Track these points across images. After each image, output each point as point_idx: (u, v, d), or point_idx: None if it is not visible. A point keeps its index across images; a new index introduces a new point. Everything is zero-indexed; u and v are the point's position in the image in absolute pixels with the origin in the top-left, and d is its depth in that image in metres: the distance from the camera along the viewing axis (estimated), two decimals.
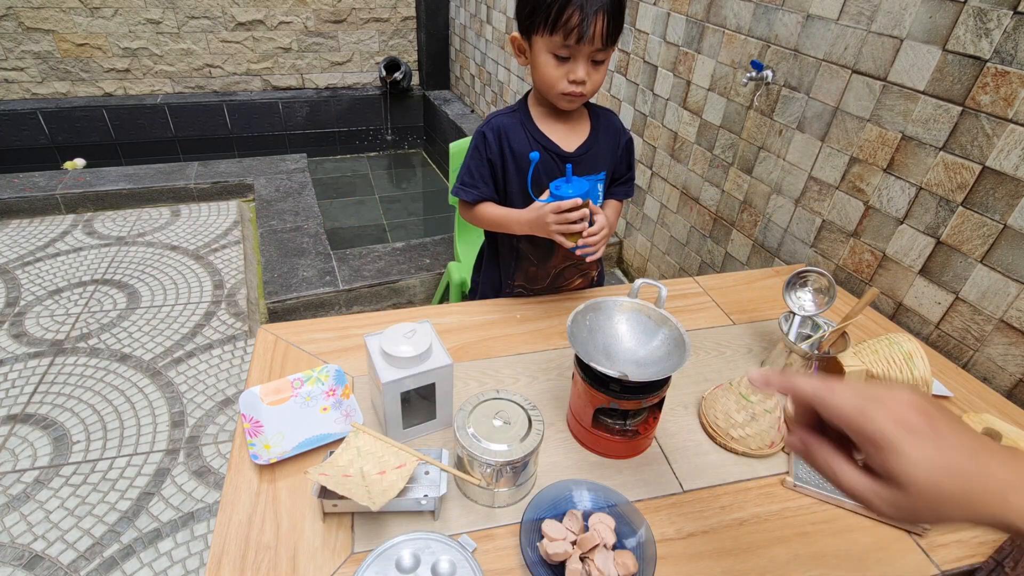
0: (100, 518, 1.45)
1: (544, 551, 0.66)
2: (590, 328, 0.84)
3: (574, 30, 0.90)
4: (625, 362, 0.82)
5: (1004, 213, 1.01)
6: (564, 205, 0.93)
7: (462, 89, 3.93)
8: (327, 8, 3.78)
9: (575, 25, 0.89)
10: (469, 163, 1.09)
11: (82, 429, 1.68)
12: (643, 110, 2.04)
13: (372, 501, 0.65)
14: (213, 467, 1.59)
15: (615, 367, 0.79)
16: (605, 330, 0.84)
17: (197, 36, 3.63)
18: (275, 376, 0.94)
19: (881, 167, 1.22)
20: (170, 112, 3.65)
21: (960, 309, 1.11)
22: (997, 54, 0.99)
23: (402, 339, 0.77)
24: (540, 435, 0.73)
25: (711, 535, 0.74)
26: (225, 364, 1.93)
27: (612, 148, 1.11)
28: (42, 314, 2.10)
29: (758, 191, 1.57)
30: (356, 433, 0.74)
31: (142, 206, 2.81)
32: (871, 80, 1.21)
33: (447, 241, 2.51)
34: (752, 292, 1.24)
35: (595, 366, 0.74)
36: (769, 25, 1.45)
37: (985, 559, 0.67)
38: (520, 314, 1.12)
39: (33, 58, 3.41)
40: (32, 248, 2.47)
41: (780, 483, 0.81)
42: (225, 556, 0.68)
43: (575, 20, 0.89)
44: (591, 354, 0.79)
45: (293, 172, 3.09)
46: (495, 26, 3.17)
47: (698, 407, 0.93)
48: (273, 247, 2.42)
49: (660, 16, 1.85)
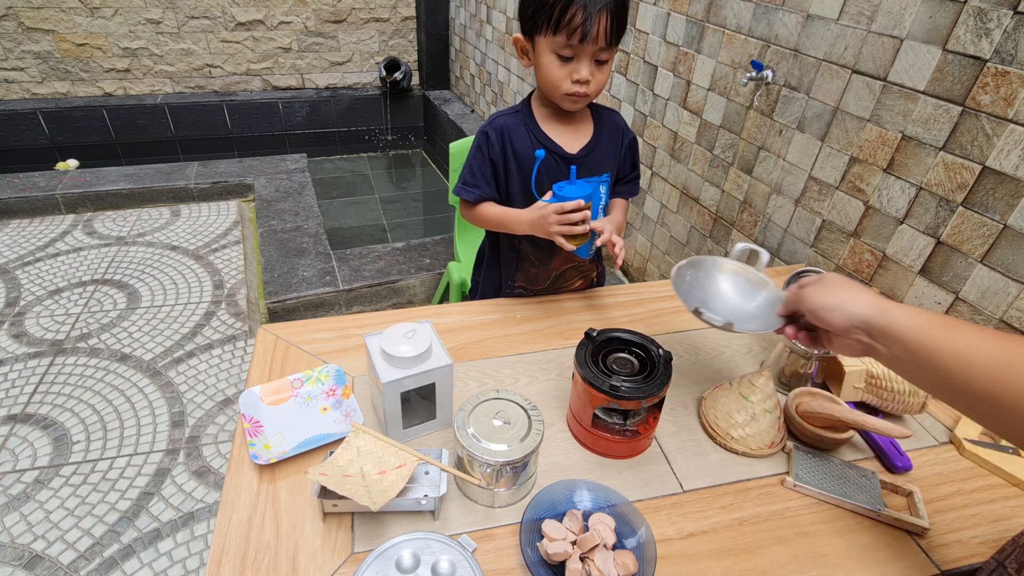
0: (100, 518, 1.45)
1: (544, 551, 0.66)
2: (689, 284, 0.87)
3: (577, 29, 0.89)
4: (728, 313, 0.83)
5: (1004, 213, 1.01)
6: (567, 206, 0.93)
7: (462, 89, 3.93)
8: (327, 8, 3.78)
9: (578, 24, 0.89)
10: (471, 162, 1.08)
11: (82, 429, 1.68)
12: (643, 110, 2.04)
13: (372, 501, 0.65)
14: (213, 467, 1.59)
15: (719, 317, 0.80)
16: (705, 286, 0.88)
17: (197, 36, 3.63)
18: (275, 376, 0.94)
19: (881, 167, 1.22)
20: (170, 112, 3.65)
21: (960, 309, 1.11)
22: (997, 54, 0.99)
23: (402, 339, 0.77)
24: (540, 435, 0.73)
25: (711, 535, 0.74)
26: (225, 364, 1.93)
27: (615, 148, 1.11)
28: (42, 314, 2.10)
29: (758, 191, 1.57)
30: (356, 433, 0.74)
31: (142, 206, 2.81)
32: (871, 80, 1.21)
33: (447, 241, 2.51)
34: None
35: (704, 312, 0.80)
36: (769, 25, 1.45)
37: (986, 559, 0.67)
38: (520, 314, 1.12)
39: (33, 58, 3.41)
40: (32, 248, 2.47)
41: (780, 483, 0.81)
42: (225, 556, 0.68)
43: (578, 19, 0.89)
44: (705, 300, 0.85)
45: (293, 172, 3.10)
46: (495, 26, 3.17)
47: (698, 407, 0.93)
48: (273, 247, 2.42)
49: (660, 16, 1.85)
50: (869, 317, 0.62)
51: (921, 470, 0.84)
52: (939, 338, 0.56)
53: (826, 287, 0.68)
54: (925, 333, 0.57)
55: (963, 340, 0.54)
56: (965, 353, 0.53)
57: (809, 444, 0.86)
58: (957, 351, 0.54)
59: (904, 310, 0.60)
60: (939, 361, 0.55)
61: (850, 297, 0.64)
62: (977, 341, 0.54)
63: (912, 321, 0.59)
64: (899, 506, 0.79)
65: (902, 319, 0.59)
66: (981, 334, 0.55)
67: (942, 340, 0.55)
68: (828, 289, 0.68)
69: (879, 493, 0.78)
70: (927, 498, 0.79)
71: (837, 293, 0.66)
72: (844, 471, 0.81)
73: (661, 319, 1.12)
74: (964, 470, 0.85)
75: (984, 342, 0.53)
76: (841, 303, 0.65)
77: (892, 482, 0.80)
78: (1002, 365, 0.51)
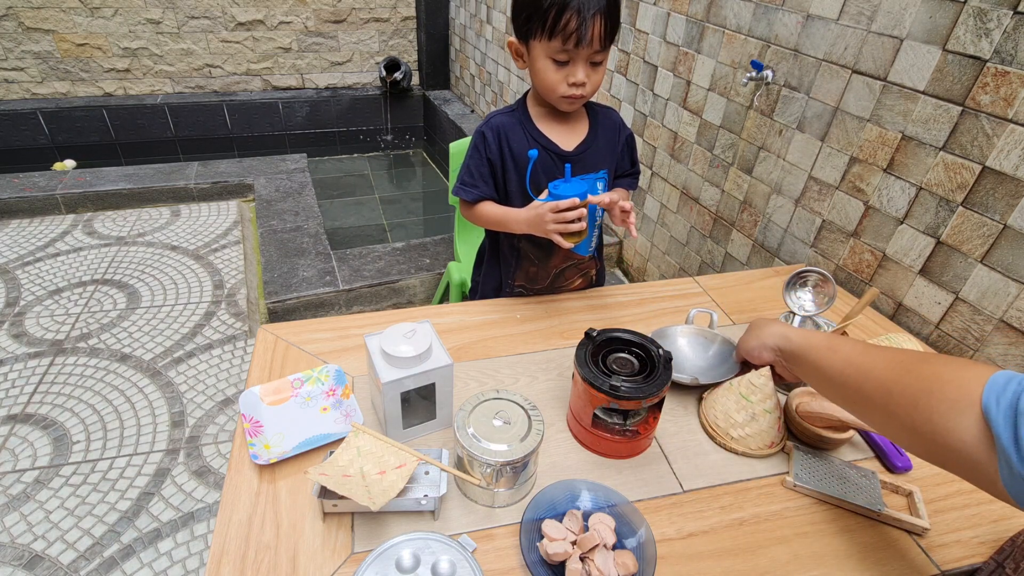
0: (100, 518, 1.45)
1: (544, 551, 0.66)
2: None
3: (572, 35, 0.89)
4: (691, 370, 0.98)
5: (1004, 213, 1.01)
6: (562, 205, 0.93)
7: (462, 89, 3.93)
8: (327, 8, 3.78)
9: (573, 30, 0.89)
10: (469, 163, 1.09)
11: (82, 429, 1.68)
12: (643, 110, 2.04)
13: (372, 501, 0.65)
14: (213, 467, 1.59)
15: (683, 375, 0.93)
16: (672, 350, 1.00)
17: (197, 36, 3.63)
18: (275, 376, 0.94)
19: (881, 167, 1.22)
20: (170, 112, 3.65)
21: (960, 309, 1.11)
22: (997, 54, 0.99)
23: (402, 339, 0.77)
24: (540, 435, 0.73)
25: (711, 535, 0.74)
26: (225, 364, 1.93)
27: (612, 145, 1.11)
28: (42, 314, 2.10)
29: (758, 191, 1.57)
30: (356, 433, 0.74)
31: (142, 206, 2.81)
32: (871, 80, 1.21)
33: (447, 241, 2.51)
34: (752, 292, 1.24)
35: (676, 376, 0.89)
36: (769, 25, 1.45)
37: (986, 559, 0.67)
38: (520, 314, 1.12)
39: (33, 58, 3.41)
40: (32, 248, 2.47)
41: (780, 483, 0.81)
42: (225, 556, 0.68)
43: (573, 25, 0.89)
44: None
45: (293, 172, 3.10)
46: (495, 26, 3.17)
47: (698, 407, 0.93)
48: (273, 247, 2.42)
49: (660, 16, 1.85)
50: (779, 346, 0.78)
51: (921, 470, 0.84)
52: (826, 356, 0.69)
53: (749, 333, 0.85)
54: (817, 353, 0.70)
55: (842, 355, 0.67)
56: (842, 367, 0.65)
57: (809, 444, 0.86)
58: (837, 366, 0.66)
59: (800, 334, 0.76)
60: (826, 372, 0.68)
61: (767, 335, 0.80)
62: (853, 355, 0.65)
63: (807, 342, 0.73)
64: (899, 506, 0.79)
65: (798, 341, 0.75)
66: (857, 350, 0.66)
67: (828, 358, 0.68)
68: (751, 333, 0.85)
69: (879, 493, 0.78)
70: (927, 498, 0.79)
71: (757, 335, 0.82)
72: (844, 471, 0.81)
73: (661, 319, 1.12)
74: None
75: (857, 356, 0.65)
76: (761, 342, 0.80)
77: (892, 482, 0.80)
78: (865, 374, 0.62)
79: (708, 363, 1.00)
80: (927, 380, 0.55)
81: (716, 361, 0.99)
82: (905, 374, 0.57)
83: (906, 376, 0.57)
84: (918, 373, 0.56)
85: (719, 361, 0.99)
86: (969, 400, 0.49)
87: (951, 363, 0.55)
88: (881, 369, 0.60)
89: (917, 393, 0.54)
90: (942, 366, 0.55)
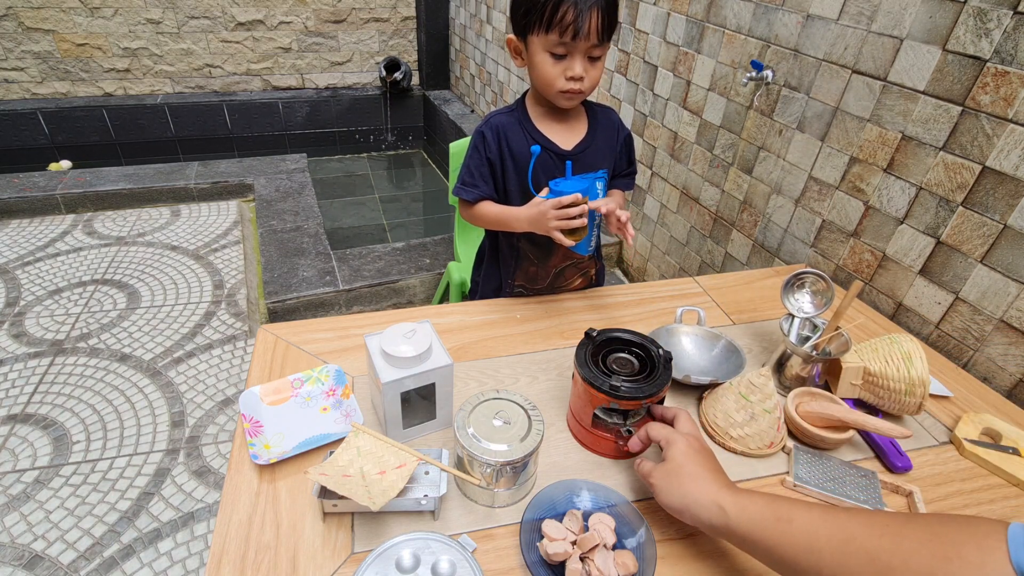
0: (100, 518, 1.45)
1: (544, 551, 0.66)
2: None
3: (569, 27, 0.90)
4: (690, 370, 0.98)
5: (1004, 213, 1.01)
6: (564, 201, 0.93)
7: (462, 89, 3.93)
8: (327, 8, 3.78)
9: (570, 22, 0.90)
10: (469, 162, 1.09)
11: (82, 429, 1.68)
12: (643, 110, 2.04)
13: (372, 501, 0.65)
14: (213, 467, 1.59)
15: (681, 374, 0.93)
16: (671, 348, 1.00)
17: (197, 36, 3.63)
18: (275, 376, 0.94)
19: (881, 167, 1.22)
20: (170, 112, 3.65)
21: (960, 309, 1.11)
22: (997, 54, 0.99)
23: (402, 339, 0.77)
24: (540, 435, 0.73)
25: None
26: (225, 364, 1.93)
27: (611, 145, 1.11)
28: (42, 314, 2.10)
29: (758, 191, 1.57)
30: (356, 433, 0.74)
31: (142, 206, 2.81)
32: (871, 80, 1.21)
33: (447, 241, 2.51)
34: (752, 292, 1.24)
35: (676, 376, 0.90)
36: (769, 25, 1.45)
37: None
38: (520, 314, 1.12)
39: (33, 58, 3.41)
40: (32, 248, 2.47)
41: (780, 483, 0.81)
42: (225, 556, 0.68)
43: (570, 17, 0.89)
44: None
45: (293, 172, 3.10)
46: (495, 26, 3.17)
47: (698, 407, 0.93)
48: (273, 247, 2.42)
49: (660, 16, 1.85)
50: (712, 522, 0.63)
51: (921, 470, 0.84)
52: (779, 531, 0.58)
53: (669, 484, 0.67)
54: (764, 529, 0.59)
55: (800, 527, 0.57)
56: (807, 541, 0.55)
57: (809, 444, 0.86)
58: (799, 542, 0.56)
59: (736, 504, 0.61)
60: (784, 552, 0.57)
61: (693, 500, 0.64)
62: (815, 525, 0.56)
63: (749, 519, 0.60)
64: (899, 506, 0.79)
65: (739, 519, 0.61)
66: (817, 517, 0.57)
67: (782, 533, 0.58)
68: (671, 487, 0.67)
69: (879, 493, 0.78)
70: (927, 498, 0.79)
71: (680, 495, 0.66)
72: (844, 471, 0.81)
73: (661, 319, 1.12)
74: (964, 470, 0.85)
75: (822, 524, 0.56)
76: (686, 506, 0.65)
77: (892, 482, 0.80)
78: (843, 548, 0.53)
79: (711, 363, 1.00)
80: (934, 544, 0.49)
81: (718, 361, 0.99)
82: (901, 540, 0.51)
83: (904, 542, 0.50)
84: (916, 538, 0.50)
85: (721, 361, 0.99)
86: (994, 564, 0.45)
87: (948, 521, 0.50)
88: (864, 538, 0.53)
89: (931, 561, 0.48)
90: (940, 526, 0.50)
